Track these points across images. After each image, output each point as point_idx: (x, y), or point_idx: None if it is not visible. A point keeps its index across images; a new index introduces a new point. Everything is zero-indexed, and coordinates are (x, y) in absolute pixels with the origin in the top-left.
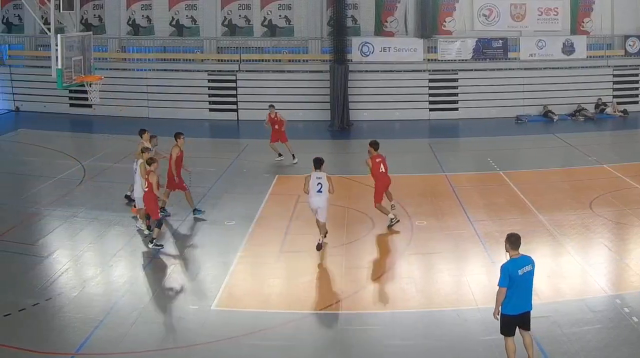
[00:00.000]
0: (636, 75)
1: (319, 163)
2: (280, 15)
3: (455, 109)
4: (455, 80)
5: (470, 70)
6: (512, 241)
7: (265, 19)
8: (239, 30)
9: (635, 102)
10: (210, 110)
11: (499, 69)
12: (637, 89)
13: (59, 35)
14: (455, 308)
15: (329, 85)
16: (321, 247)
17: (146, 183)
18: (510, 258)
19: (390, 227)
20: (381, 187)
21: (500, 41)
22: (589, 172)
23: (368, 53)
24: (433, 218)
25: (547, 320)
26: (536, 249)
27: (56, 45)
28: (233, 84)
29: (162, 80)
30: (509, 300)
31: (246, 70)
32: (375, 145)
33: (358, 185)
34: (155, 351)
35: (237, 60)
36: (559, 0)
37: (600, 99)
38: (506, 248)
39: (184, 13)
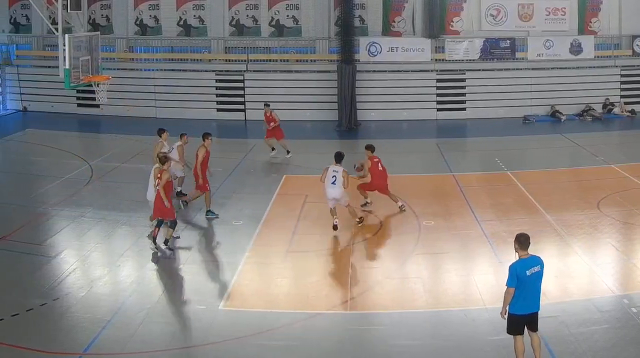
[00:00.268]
0: None
1: (339, 157)
2: (287, 15)
3: (463, 109)
4: (463, 80)
5: (478, 70)
6: (522, 241)
7: (272, 19)
8: (247, 30)
9: None
10: (218, 110)
11: (507, 69)
12: None
13: (66, 35)
14: (463, 308)
15: (337, 85)
16: (362, 221)
17: (157, 182)
18: (519, 258)
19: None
20: (376, 184)
21: (508, 41)
22: (597, 172)
23: (375, 53)
24: (441, 218)
25: (555, 320)
26: (544, 249)
27: (64, 45)
28: (240, 84)
29: (170, 80)
30: (516, 300)
31: (254, 70)
32: (371, 148)
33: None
34: (163, 351)
35: (245, 60)
36: (566, 0)
37: (607, 99)
38: (515, 249)
39: (191, 13)
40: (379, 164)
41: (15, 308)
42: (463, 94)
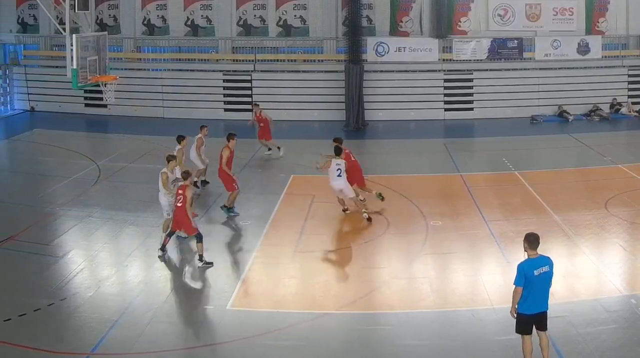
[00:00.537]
0: None
1: (340, 151)
2: (295, 15)
3: (471, 109)
4: (471, 80)
5: (486, 70)
6: (531, 241)
7: (280, 19)
8: (254, 30)
9: None
10: (225, 110)
11: (514, 69)
12: None
13: (74, 35)
14: (471, 308)
15: (344, 85)
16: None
17: (181, 199)
18: (528, 258)
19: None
20: (354, 176)
21: (516, 41)
22: (604, 172)
23: (383, 53)
24: (448, 218)
25: (563, 320)
26: (551, 249)
27: (71, 45)
28: (248, 84)
29: (177, 80)
30: (524, 299)
31: (261, 70)
32: (339, 141)
33: (374, 186)
34: (170, 351)
35: (252, 60)
36: (574, 0)
37: (615, 99)
38: (524, 248)
39: (199, 13)
40: (351, 156)
41: (22, 308)
42: (470, 94)
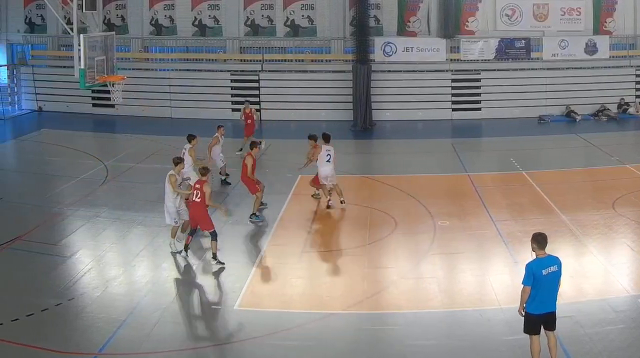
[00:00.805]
0: None
1: (328, 138)
2: (302, 15)
3: (478, 109)
4: (478, 80)
5: (493, 70)
6: (539, 241)
7: (287, 19)
8: (262, 30)
9: None
10: (233, 110)
11: (522, 69)
12: None
13: (81, 35)
14: (478, 308)
15: (352, 85)
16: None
17: (199, 194)
18: (536, 257)
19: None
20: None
21: (523, 41)
22: (612, 172)
23: (391, 53)
24: (456, 218)
25: (570, 320)
26: (559, 249)
27: (79, 45)
28: (256, 84)
29: (185, 80)
30: (532, 299)
31: (269, 70)
32: (314, 138)
33: (381, 186)
34: (178, 351)
35: (260, 60)
36: (581, 0)
37: (622, 99)
38: (532, 248)
39: (206, 13)
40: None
41: (30, 308)
42: (478, 94)
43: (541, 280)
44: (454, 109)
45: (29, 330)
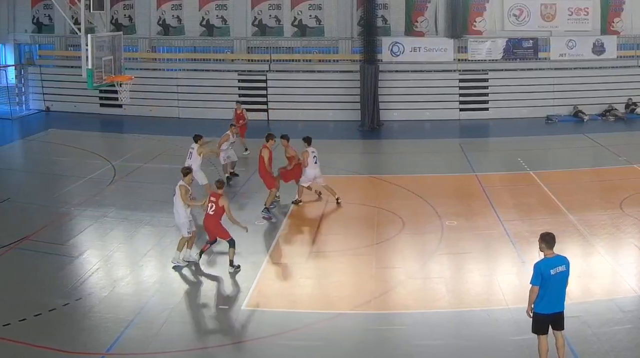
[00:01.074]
0: None
1: (310, 140)
2: (310, 15)
3: (486, 109)
4: (486, 80)
5: (501, 70)
6: (547, 240)
7: (295, 19)
8: (269, 30)
9: None
10: None
11: (530, 69)
12: None
13: (89, 35)
14: (486, 308)
15: (359, 85)
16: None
17: (213, 207)
18: (544, 257)
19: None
20: (297, 171)
21: (531, 41)
22: (619, 172)
23: (398, 53)
24: (463, 218)
25: (578, 320)
26: (567, 249)
27: (86, 45)
28: (263, 84)
29: (193, 80)
30: (541, 299)
31: (276, 70)
32: (286, 137)
33: (388, 185)
34: (186, 351)
35: (268, 60)
36: (589, 0)
37: (630, 98)
38: (541, 248)
39: (214, 13)
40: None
41: (37, 308)
42: (486, 94)
43: (549, 280)
44: (461, 109)
45: (37, 330)
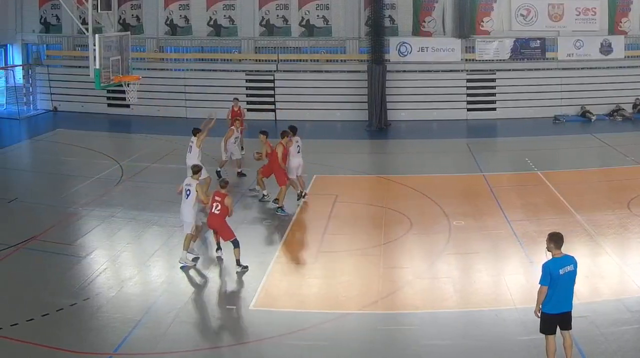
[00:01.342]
0: None
1: (296, 130)
2: (318, 15)
3: (493, 109)
4: (493, 80)
5: (508, 70)
6: (556, 240)
7: (303, 19)
8: (277, 30)
9: None
10: (248, 110)
11: (537, 69)
12: None
13: (96, 35)
14: (494, 308)
15: (367, 85)
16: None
17: (218, 206)
18: (552, 257)
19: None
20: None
21: (538, 41)
22: (627, 172)
23: (406, 53)
24: (471, 218)
25: (585, 320)
26: (574, 249)
27: (94, 45)
28: (271, 84)
29: (200, 80)
30: (549, 299)
31: (284, 70)
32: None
33: (396, 185)
34: (193, 351)
35: (275, 60)
36: (596, 0)
37: (638, 98)
38: (549, 248)
39: (221, 13)
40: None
41: (45, 308)
42: (493, 94)
43: (558, 279)
44: (469, 109)
45: (44, 330)
